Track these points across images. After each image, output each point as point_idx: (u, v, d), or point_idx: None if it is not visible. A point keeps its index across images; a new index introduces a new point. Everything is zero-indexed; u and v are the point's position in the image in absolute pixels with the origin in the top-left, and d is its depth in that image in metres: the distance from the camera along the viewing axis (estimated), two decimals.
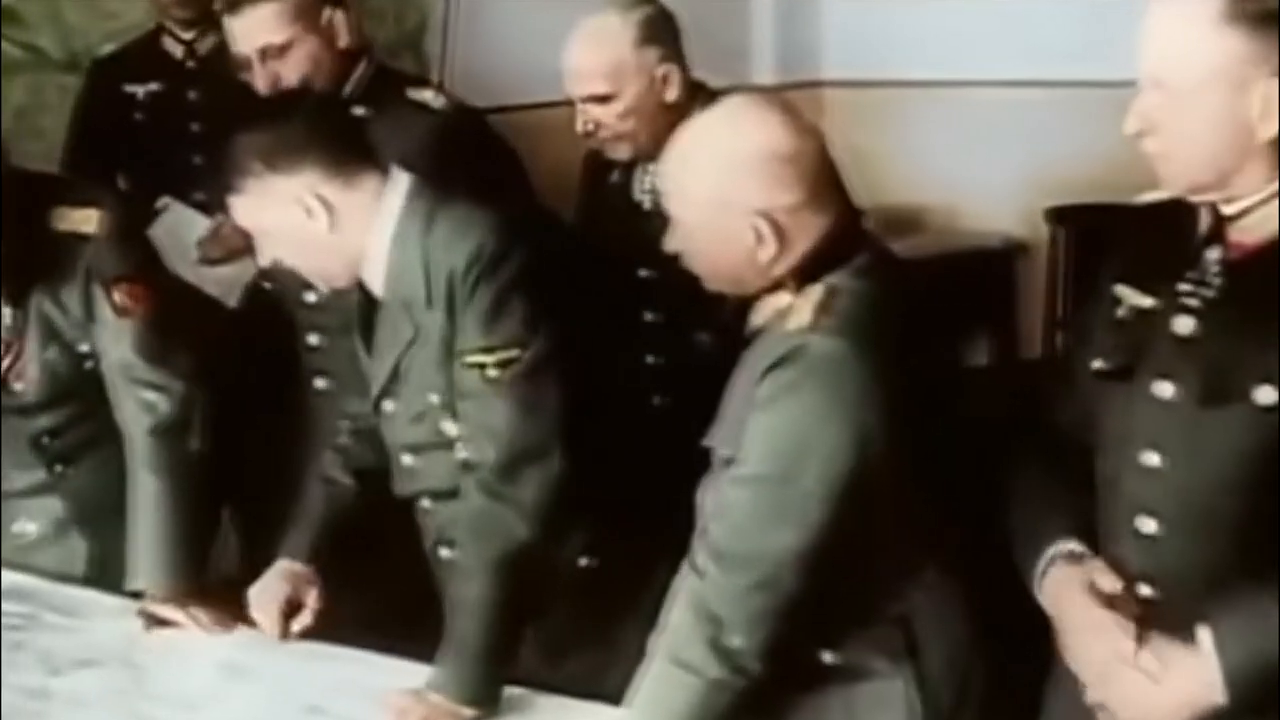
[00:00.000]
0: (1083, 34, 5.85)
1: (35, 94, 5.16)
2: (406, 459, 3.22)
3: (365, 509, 3.32)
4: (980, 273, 6.63)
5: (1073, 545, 2.55)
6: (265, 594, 3.25)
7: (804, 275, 2.66)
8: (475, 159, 3.87)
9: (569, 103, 3.90)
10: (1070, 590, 2.51)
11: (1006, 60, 6.35)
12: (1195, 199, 2.45)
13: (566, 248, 3.93)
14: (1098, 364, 2.54)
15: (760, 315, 2.72)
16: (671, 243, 2.74)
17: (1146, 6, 2.39)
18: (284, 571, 3.27)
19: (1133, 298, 2.52)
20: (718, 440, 2.72)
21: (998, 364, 6.60)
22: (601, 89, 3.72)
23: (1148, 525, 2.48)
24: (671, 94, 3.73)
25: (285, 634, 3.20)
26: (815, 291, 2.63)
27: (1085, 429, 2.57)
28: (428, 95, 3.99)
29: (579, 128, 3.75)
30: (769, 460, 2.57)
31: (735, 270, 2.70)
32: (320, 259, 3.12)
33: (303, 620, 3.22)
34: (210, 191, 4.57)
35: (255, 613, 3.23)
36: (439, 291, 3.03)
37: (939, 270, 6.19)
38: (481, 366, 3.02)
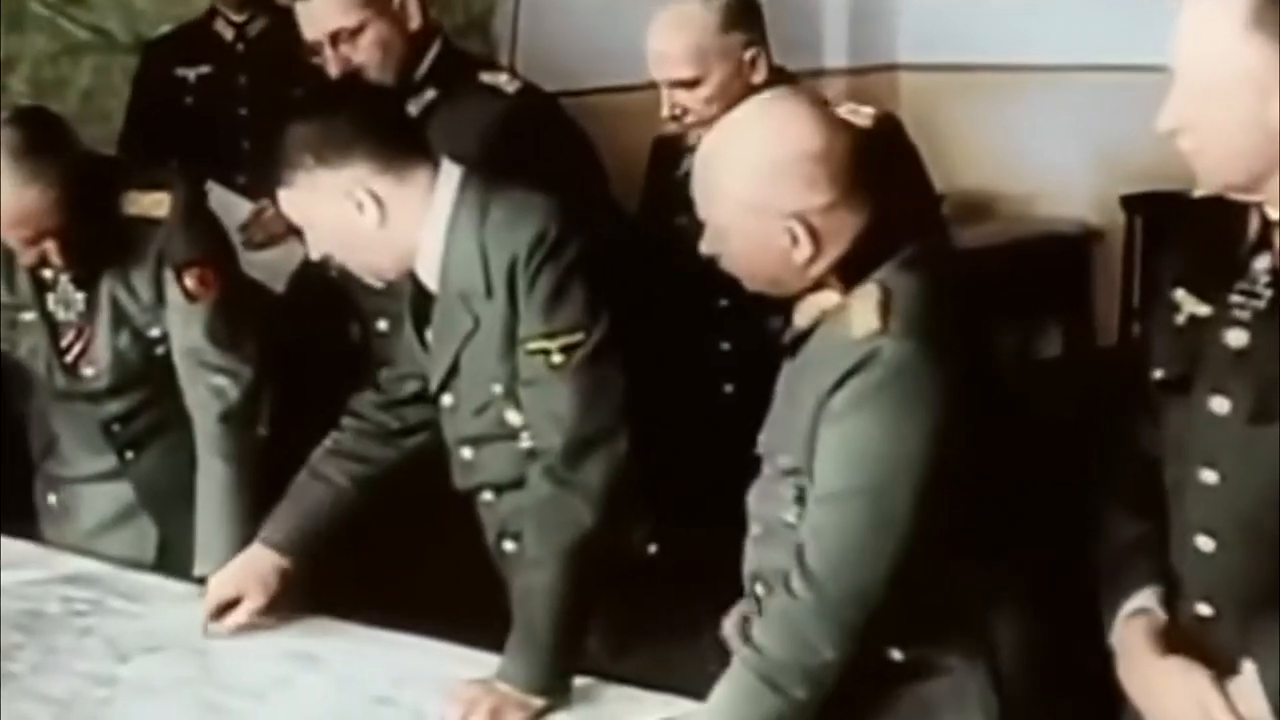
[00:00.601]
0: (1161, 18, 5.80)
1: (102, 77, 5.20)
2: (466, 452, 3.22)
3: (358, 509, 3.32)
4: (1054, 260, 6.61)
5: (1150, 603, 2.53)
6: (230, 580, 3.28)
7: (848, 273, 2.64)
8: (547, 144, 3.86)
9: (636, 87, 3.89)
10: (1143, 657, 2.50)
11: (1083, 44, 6.31)
12: (1240, 199, 2.43)
13: (629, 232, 3.93)
14: (1158, 373, 2.52)
15: (805, 315, 2.70)
16: (706, 245, 2.73)
17: None
18: (257, 561, 3.29)
19: (1190, 304, 2.49)
20: (777, 447, 2.70)
21: (1072, 354, 6.57)
22: (687, 73, 3.70)
23: (1205, 543, 2.46)
24: (758, 77, 3.72)
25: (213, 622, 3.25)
26: (871, 292, 2.60)
27: (1157, 441, 2.56)
28: (501, 79, 3.98)
29: (664, 112, 3.74)
30: (856, 473, 2.56)
31: (772, 272, 2.69)
32: (370, 254, 3.12)
33: (236, 618, 3.25)
34: (255, 176, 4.60)
35: (211, 592, 3.28)
36: (499, 280, 3.04)
37: (1010, 258, 6.19)
38: (545, 353, 3.02)
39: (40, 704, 3.02)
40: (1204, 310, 2.47)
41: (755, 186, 2.62)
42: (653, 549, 3.21)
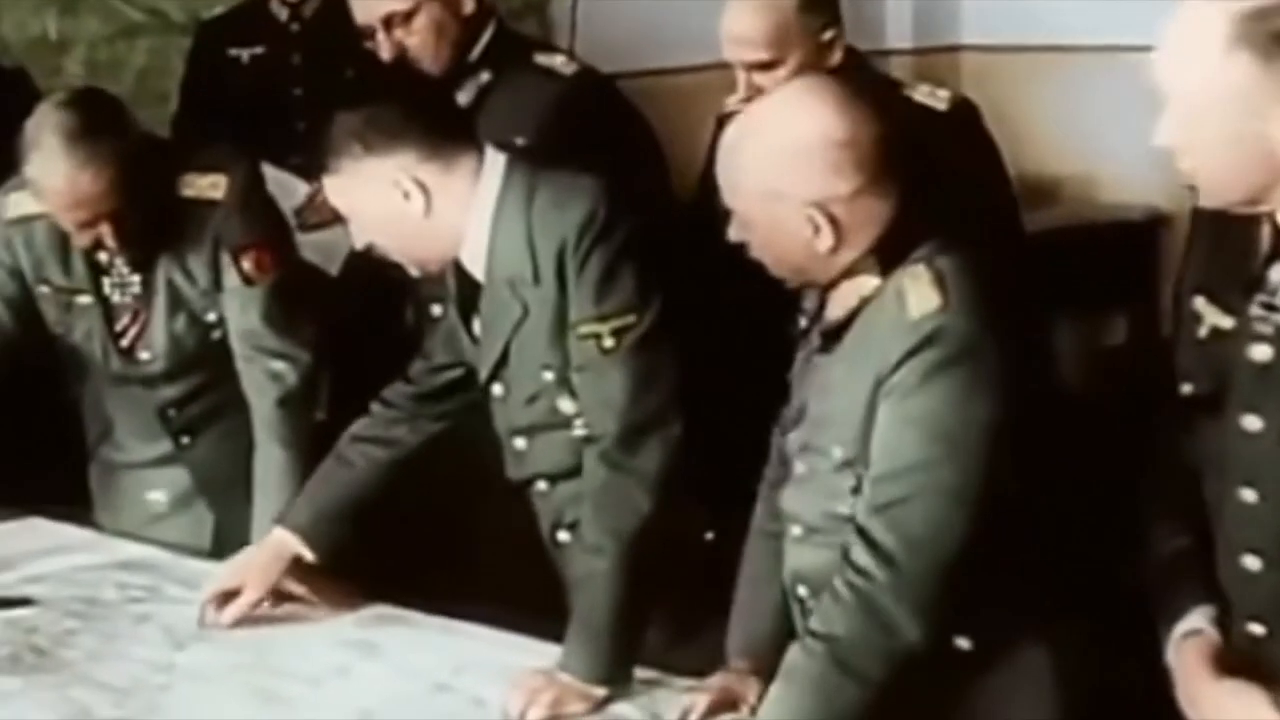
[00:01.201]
0: None
1: (157, 58, 5.22)
2: (519, 442, 3.22)
3: (379, 493, 3.32)
4: (1120, 246, 6.56)
5: (1202, 624, 2.51)
6: (232, 571, 3.30)
7: (887, 257, 2.63)
8: (603, 126, 3.86)
9: (696, 68, 3.88)
10: (1199, 680, 2.47)
11: (1151, 24, 6.26)
12: (1246, 211, 2.40)
13: (686, 213, 3.92)
14: (1186, 388, 2.50)
15: (841, 305, 2.69)
16: (733, 233, 2.72)
17: None
18: (263, 550, 3.30)
19: (1211, 315, 2.46)
20: (821, 444, 2.68)
21: (1136, 342, 6.53)
22: (766, 56, 3.68)
23: (1252, 563, 2.44)
24: (834, 59, 3.69)
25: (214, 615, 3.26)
26: (920, 273, 2.59)
27: (1196, 454, 2.53)
28: (557, 60, 3.98)
29: (740, 94, 3.71)
30: (928, 447, 2.55)
31: (797, 261, 2.68)
32: (415, 243, 3.12)
33: (231, 611, 3.25)
34: (309, 157, 4.60)
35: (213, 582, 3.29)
36: (548, 265, 3.04)
37: (1074, 243, 6.15)
38: (596, 337, 3.02)
39: (98, 691, 3.03)
40: (1227, 322, 2.44)
41: (774, 175, 2.62)
42: (710, 536, 3.20)
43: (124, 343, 3.67)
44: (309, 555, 3.27)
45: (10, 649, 3.21)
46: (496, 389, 3.20)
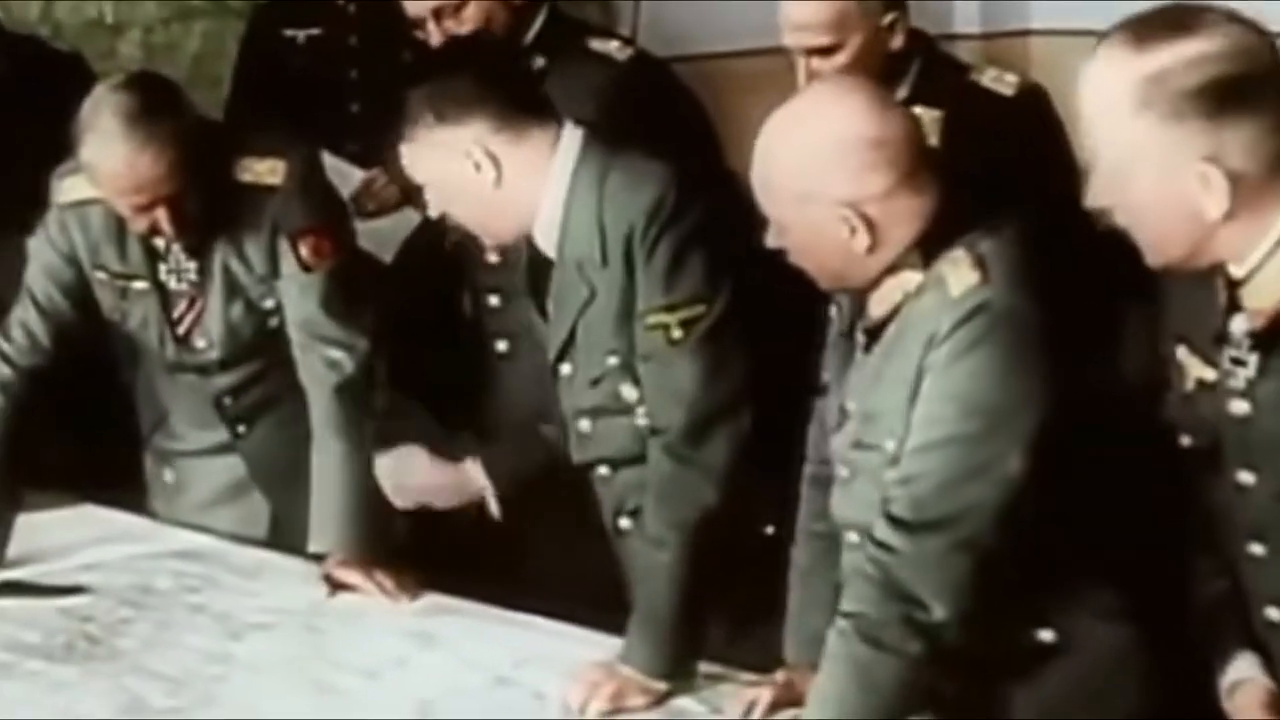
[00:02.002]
0: None
1: (213, 41, 5.23)
2: (584, 424, 3.22)
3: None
4: None
5: (1253, 671, 2.50)
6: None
7: (930, 252, 2.62)
8: (658, 112, 3.85)
9: (763, 52, 3.86)
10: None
11: (1219, 8, 6.21)
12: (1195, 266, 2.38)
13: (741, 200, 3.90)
14: (1186, 440, 2.49)
15: (883, 303, 2.67)
16: (771, 239, 2.72)
17: None
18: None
19: (1194, 367, 2.45)
20: (875, 436, 2.66)
21: None
22: (825, 40, 3.66)
23: (1275, 614, 2.45)
24: (896, 43, 3.67)
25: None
26: (960, 256, 2.59)
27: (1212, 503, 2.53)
28: (612, 46, 3.97)
29: (800, 81, 3.70)
30: (962, 420, 2.54)
31: (836, 266, 2.68)
32: (486, 214, 3.13)
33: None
34: (365, 141, 4.60)
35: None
36: (615, 249, 3.03)
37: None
38: (664, 327, 3.01)
39: (153, 680, 3.06)
40: (1209, 374, 2.43)
41: (806, 177, 2.62)
42: (771, 530, 3.19)
43: (180, 330, 3.67)
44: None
45: (65, 638, 3.24)
46: (564, 368, 3.20)
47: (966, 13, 6.55)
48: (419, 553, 3.41)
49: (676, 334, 3.01)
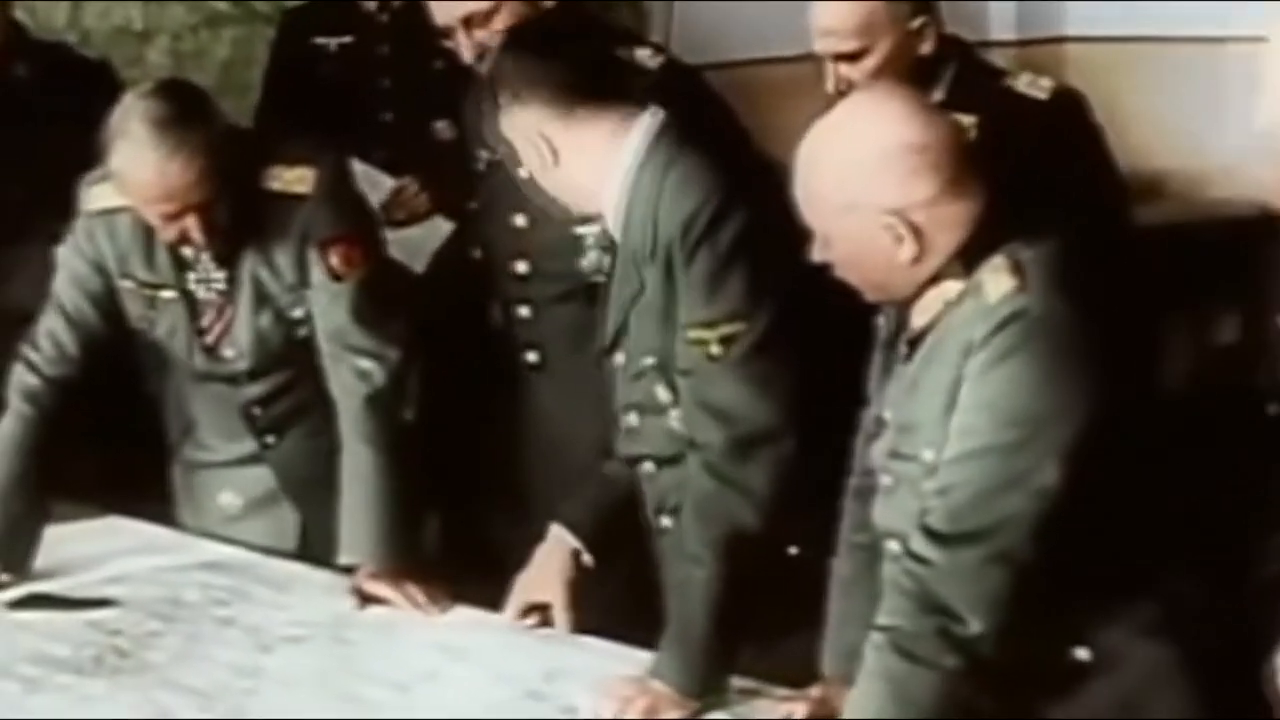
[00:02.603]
0: None
1: (242, 48, 5.25)
2: (631, 418, 3.23)
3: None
4: (1229, 244, 6.49)
5: None
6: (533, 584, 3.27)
7: (971, 261, 2.62)
8: (689, 122, 3.84)
9: (799, 58, 3.86)
10: None
11: (1262, 15, 6.20)
12: None
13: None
14: (1274, 409, 2.49)
15: (925, 313, 2.68)
16: (816, 253, 2.71)
17: None
18: (552, 556, 3.27)
19: None
20: (913, 446, 2.67)
21: (1248, 341, 6.47)
22: (853, 45, 3.66)
23: None
24: (925, 48, 3.67)
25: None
26: (999, 264, 2.59)
27: None
28: (643, 54, 3.96)
29: (829, 87, 3.70)
30: (997, 430, 2.54)
31: (880, 277, 2.68)
32: (555, 188, 3.17)
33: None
34: (396, 150, 4.61)
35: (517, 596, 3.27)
36: (660, 249, 3.04)
37: (1181, 239, 6.09)
38: (703, 343, 3.02)
39: (182, 694, 3.06)
40: None
41: (850, 186, 2.62)
42: (794, 551, 3.17)
43: (208, 339, 3.68)
44: (585, 552, 3.27)
45: (93, 650, 3.25)
46: (617, 358, 3.21)
47: (1002, 19, 6.55)
48: (450, 565, 3.41)
49: (715, 350, 3.01)
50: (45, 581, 3.55)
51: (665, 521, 3.23)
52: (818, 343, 3.04)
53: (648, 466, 3.24)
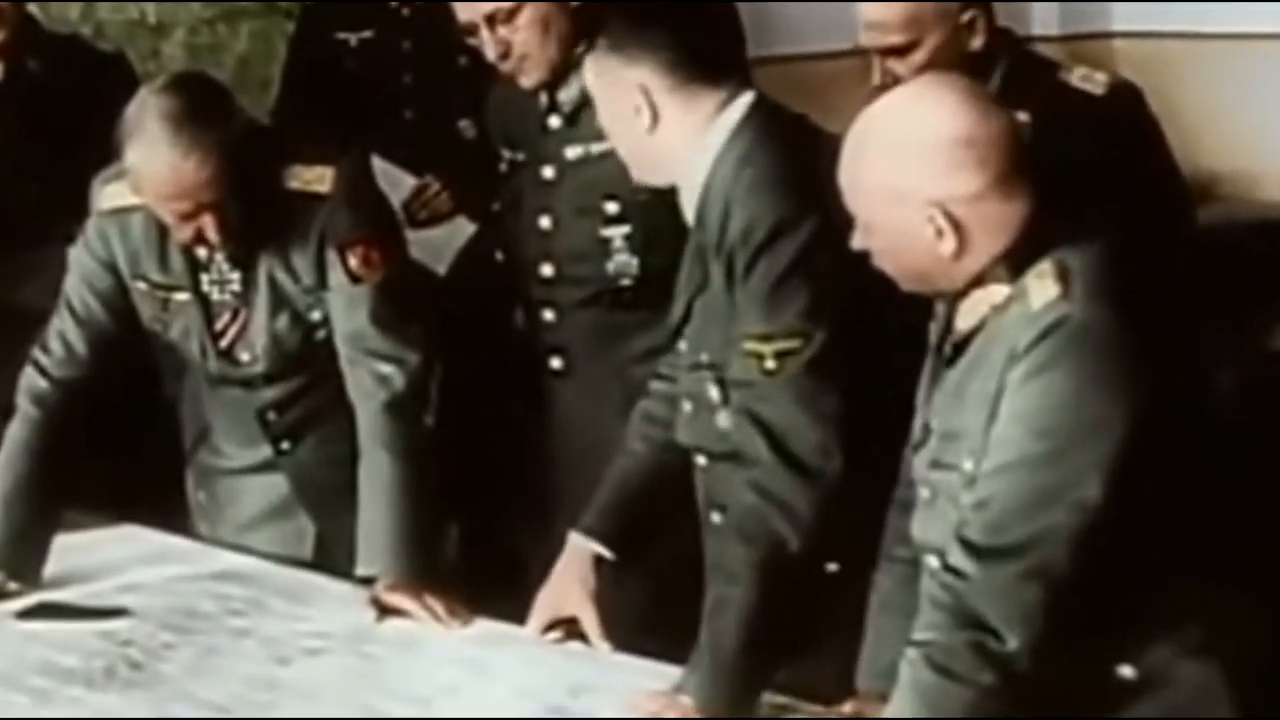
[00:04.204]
0: None
1: (260, 42, 5.26)
2: (687, 406, 3.26)
3: (665, 477, 3.33)
4: None
5: None
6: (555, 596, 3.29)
7: (1018, 265, 2.63)
8: None
9: (837, 54, 3.87)
10: None
11: None
12: None
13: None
14: None
15: (970, 315, 2.69)
16: (856, 240, 2.73)
17: None
18: (571, 565, 3.29)
19: None
20: (954, 455, 2.68)
21: None
22: (900, 39, 3.66)
23: None
24: (975, 42, 3.67)
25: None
26: (1045, 269, 2.60)
27: None
28: None
29: (875, 81, 3.70)
30: (1036, 441, 2.55)
31: (919, 268, 2.69)
32: (635, 155, 3.22)
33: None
34: (418, 148, 4.62)
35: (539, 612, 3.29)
36: (726, 247, 3.07)
37: (1233, 242, 6.08)
38: (759, 356, 3.04)
39: (197, 708, 3.08)
40: None
41: (894, 174, 2.63)
42: (833, 568, 3.18)
43: (223, 343, 3.69)
44: (606, 553, 3.28)
45: (104, 662, 3.26)
46: (682, 344, 3.24)
47: (1045, 14, 6.55)
48: (471, 576, 3.42)
49: (771, 365, 3.03)
50: (55, 590, 3.57)
51: (715, 517, 3.25)
52: (874, 361, 3.05)
53: (701, 460, 3.27)
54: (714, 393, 3.15)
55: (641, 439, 3.36)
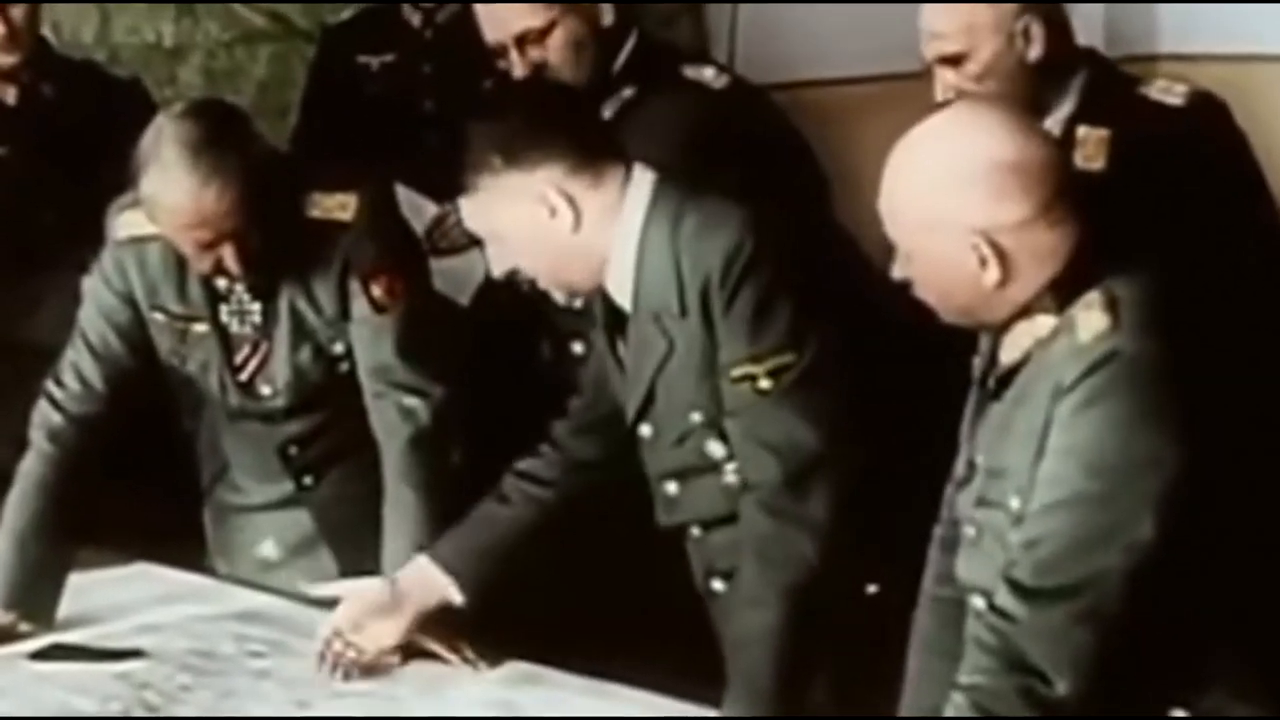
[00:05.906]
0: None
1: (279, 67, 5.28)
2: (670, 487, 3.24)
3: (534, 536, 3.34)
4: None
5: None
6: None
7: (1065, 296, 2.63)
8: (756, 145, 3.86)
9: (870, 79, 3.87)
10: None
11: None
12: None
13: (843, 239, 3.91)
14: None
15: (1014, 348, 2.68)
16: (897, 269, 2.72)
17: None
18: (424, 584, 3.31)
19: None
20: (1000, 493, 2.67)
21: None
22: (952, 48, 3.65)
23: None
24: (1034, 52, 3.65)
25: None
26: (1094, 300, 2.59)
27: None
28: (707, 73, 3.98)
29: (938, 96, 3.69)
30: (1088, 479, 2.54)
31: (962, 300, 2.68)
32: (563, 264, 3.16)
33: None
34: (441, 174, 4.63)
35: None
36: (694, 298, 3.06)
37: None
38: (751, 378, 3.04)
39: None
40: None
41: (936, 201, 2.62)
42: (874, 589, 3.18)
43: (243, 376, 3.70)
44: (457, 597, 3.28)
45: (121, 704, 3.26)
46: (644, 430, 3.22)
47: (1090, 38, 6.54)
48: (500, 617, 3.41)
49: (765, 384, 3.03)
50: (70, 631, 3.57)
51: (717, 585, 3.25)
52: (875, 362, 3.06)
53: (694, 531, 3.27)
54: (716, 449, 3.14)
55: (521, 494, 3.35)
